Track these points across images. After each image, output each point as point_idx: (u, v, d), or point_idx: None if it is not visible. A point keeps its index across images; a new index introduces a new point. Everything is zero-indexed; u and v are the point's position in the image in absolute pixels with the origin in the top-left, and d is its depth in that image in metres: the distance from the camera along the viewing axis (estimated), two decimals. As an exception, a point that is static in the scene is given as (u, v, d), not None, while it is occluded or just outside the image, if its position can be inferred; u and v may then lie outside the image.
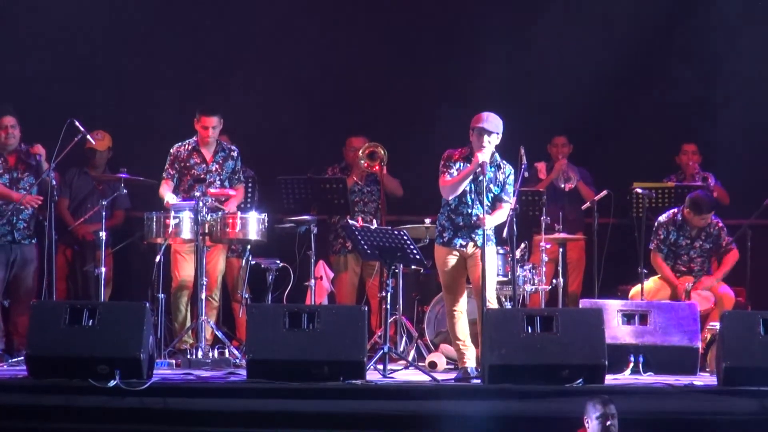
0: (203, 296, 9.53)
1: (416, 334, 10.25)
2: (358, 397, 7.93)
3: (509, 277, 9.65)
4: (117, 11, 11.84)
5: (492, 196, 8.75)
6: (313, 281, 10.09)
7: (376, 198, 11.03)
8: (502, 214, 8.72)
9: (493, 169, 8.73)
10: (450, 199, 8.74)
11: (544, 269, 10.41)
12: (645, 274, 10.20)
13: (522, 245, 10.25)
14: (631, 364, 9.02)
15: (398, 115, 11.90)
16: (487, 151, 8.65)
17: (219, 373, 8.83)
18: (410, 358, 9.55)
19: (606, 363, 8.09)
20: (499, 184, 8.78)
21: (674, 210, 10.59)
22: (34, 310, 8.18)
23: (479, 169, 8.59)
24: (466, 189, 8.70)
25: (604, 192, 10.70)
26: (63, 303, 8.59)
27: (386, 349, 8.74)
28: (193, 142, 10.06)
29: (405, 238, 8.98)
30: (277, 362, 8.05)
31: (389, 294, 9.03)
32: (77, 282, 10.81)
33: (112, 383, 7.79)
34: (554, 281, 10.68)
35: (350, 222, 9.51)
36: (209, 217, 9.55)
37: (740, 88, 11.93)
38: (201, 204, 9.51)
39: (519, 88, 11.98)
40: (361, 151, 10.94)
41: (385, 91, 12.04)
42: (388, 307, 9.09)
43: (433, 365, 9.51)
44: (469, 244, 8.73)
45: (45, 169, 9.63)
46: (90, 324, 8.02)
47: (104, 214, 9.60)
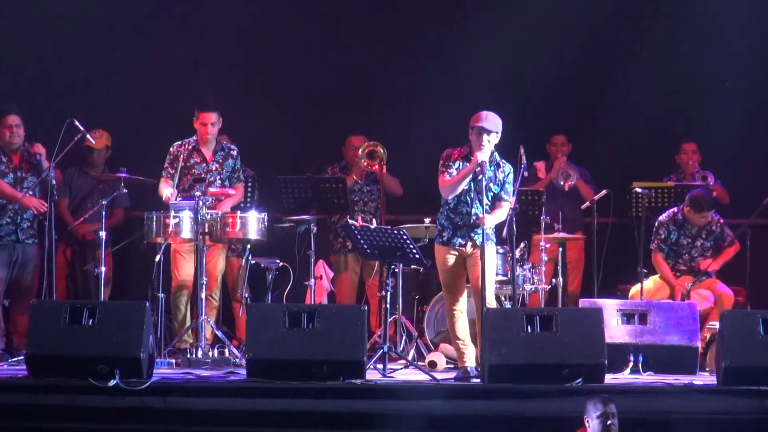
0: (203, 296, 9.53)
1: (416, 334, 10.25)
2: (358, 396, 7.93)
3: (509, 276, 9.65)
4: (117, 11, 11.82)
5: (492, 195, 8.74)
6: (312, 281, 10.09)
7: (376, 197, 11.02)
8: (502, 214, 8.72)
9: (493, 168, 8.72)
10: (449, 198, 8.73)
11: (543, 269, 10.41)
12: (644, 273, 10.20)
13: (521, 245, 10.25)
14: (631, 364, 9.02)
15: (398, 114, 11.89)
16: (486, 150, 8.64)
17: (219, 372, 8.84)
18: (410, 358, 9.54)
19: (605, 362, 8.09)
20: (499, 183, 8.77)
21: (674, 209, 10.59)
22: (33, 310, 8.18)
23: (479, 169, 8.58)
24: (466, 188, 8.69)
25: (604, 191, 10.69)
26: (63, 302, 8.58)
27: (386, 349, 8.74)
28: (193, 141, 10.06)
29: (405, 237, 8.97)
30: (276, 362, 8.05)
31: (389, 293, 9.02)
32: (77, 281, 10.81)
33: (112, 383, 7.79)
34: (554, 281, 10.67)
35: (350, 221, 9.50)
36: (209, 217, 9.55)
37: (740, 88, 11.92)
38: (201, 203, 9.51)
39: (519, 87, 11.98)
40: (360, 150, 10.93)
41: (385, 90, 12.03)
42: (388, 306, 9.09)
43: (432, 365, 9.51)
44: (468, 244, 8.72)
45: (45, 168, 9.64)
46: (90, 323, 8.02)
47: (104, 213, 9.61)
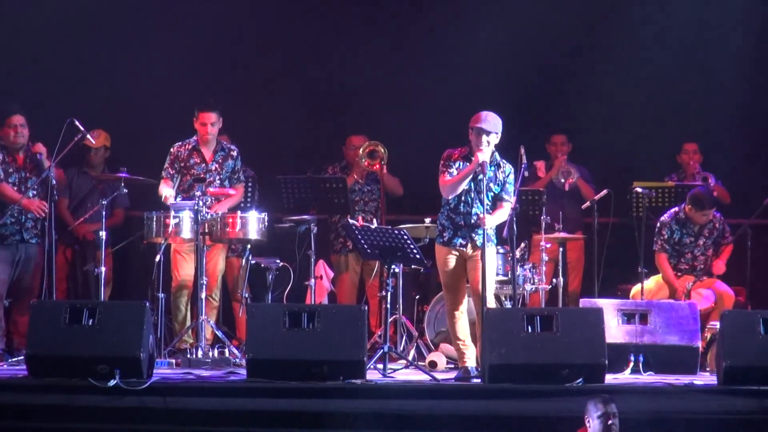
0: (203, 296, 9.52)
1: (416, 334, 10.24)
2: (358, 396, 7.92)
3: (509, 276, 9.64)
4: (117, 11, 11.82)
5: (492, 195, 8.73)
6: (313, 281, 10.08)
7: (377, 197, 11.01)
8: (503, 214, 8.71)
9: (493, 169, 8.71)
10: (450, 198, 8.73)
11: (544, 269, 10.40)
12: (645, 273, 10.19)
13: (522, 244, 10.24)
14: (631, 364, 9.01)
15: (398, 114, 11.89)
16: (486, 151, 8.63)
17: (219, 372, 8.83)
18: (410, 358, 9.54)
19: (606, 362, 8.09)
20: (499, 183, 8.76)
21: (675, 209, 10.57)
22: (34, 310, 8.17)
23: (479, 169, 8.58)
24: (466, 188, 8.68)
25: (605, 191, 10.68)
26: (63, 302, 8.57)
27: (386, 349, 8.73)
28: (193, 141, 10.06)
29: (405, 237, 8.96)
30: (277, 362, 8.04)
31: (389, 293, 9.02)
32: (77, 281, 10.80)
33: (112, 383, 7.78)
34: (554, 281, 10.66)
35: (350, 221, 9.49)
36: (209, 217, 9.55)
37: (741, 87, 11.92)
38: (201, 203, 9.51)
39: (518, 86, 11.98)
40: (361, 150, 10.93)
41: (385, 89, 12.02)
42: (388, 306, 9.08)
43: (433, 365, 9.51)
44: (469, 244, 8.72)
45: (46, 167, 9.64)
46: (90, 323, 8.01)
47: (104, 213, 9.60)
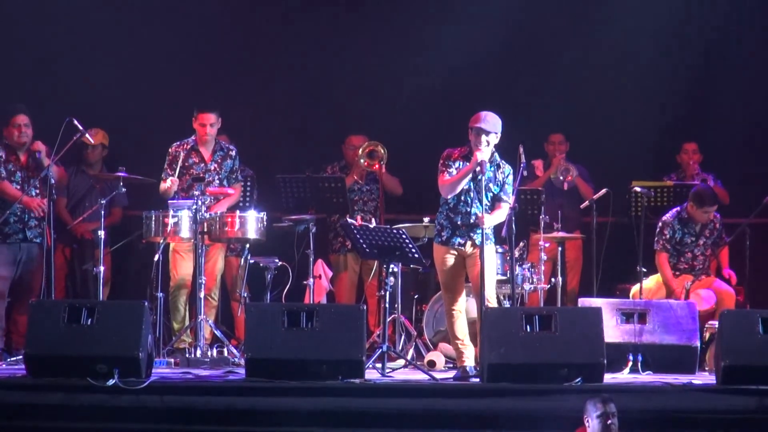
0: (202, 295, 9.52)
1: (415, 333, 10.23)
2: (357, 395, 7.92)
3: (508, 275, 9.64)
4: (116, 11, 11.82)
5: (491, 195, 8.73)
6: (311, 280, 10.08)
7: (376, 197, 11.01)
8: (501, 214, 8.71)
9: (493, 169, 8.71)
10: (449, 197, 8.73)
11: (542, 268, 10.40)
12: (644, 273, 10.17)
13: (520, 244, 10.24)
14: (630, 363, 9.02)
15: (397, 113, 11.89)
16: (486, 150, 8.64)
17: (218, 372, 8.83)
18: (409, 357, 9.54)
19: (605, 362, 8.09)
20: (499, 183, 8.76)
21: (677, 208, 10.53)
22: (32, 309, 8.17)
23: (478, 168, 8.58)
24: (465, 188, 8.68)
25: (603, 190, 10.67)
26: (62, 302, 8.55)
27: (385, 348, 8.73)
28: (192, 141, 10.06)
29: (404, 236, 8.96)
30: (275, 361, 8.04)
31: (388, 293, 9.02)
32: (76, 281, 10.80)
33: (111, 382, 7.78)
34: (553, 280, 10.66)
35: (349, 221, 9.50)
36: (208, 216, 9.55)
37: (740, 87, 11.92)
38: (200, 203, 9.50)
39: (518, 85, 11.97)
40: (360, 150, 10.92)
41: (385, 89, 12.02)
42: (387, 306, 9.08)
43: (431, 364, 9.50)
44: (468, 243, 8.72)
45: (45, 166, 9.64)
46: (89, 323, 8.01)
47: (102, 212, 9.59)
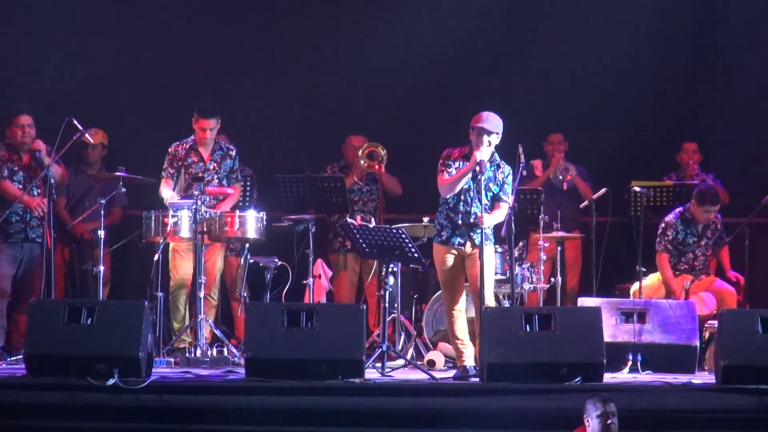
0: (201, 295, 9.52)
1: (414, 333, 10.24)
2: (357, 395, 7.92)
3: (507, 275, 9.64)
4: (116, 11, 11.82)
5: (491, 195, 8.74)
6: (311, 280, 10.08)
7: (376, 197, 11.01)
8: (501, 214, 8.71)
9: (493, 169, 8.72)
10: (448, 197, 8.73)
11: (542, 267, 10.40)
12: (643, 272, 10.17)
13: (520, 243, 10.24)
14: (630, 363, 9.03)
15: (397, 113, 11.89)
16: (486, 150, 8.64)
17: (217, 371, 8.83)
18: (408, 357, 9.54)
19: (604, 361, 8.09)
20: (498, 183, 8.77)
21: (680, 209, 10.51)
22: (32, 309, 8.17)
23: (478, 168, 8.59)
24: (465, 187, 8.69)
25: (603, 190, 10.67)
26: (61, 301, 8.57)
27: (385, 348, 8.73)
28: (191, 141, 10.05)
29: (403, 236, 8.96)
30: (275, 361, 8.04)
31: (387, 292, 9.02)
32: (75, 281, 10.80)
33: (111, 382, 7.78)
34: (552, 280, 10.65)
35: (348, 220, 9.50)
36: (207, 216, 9.55)
37: (741, 87, 11.92)
38: (199, 202, 9.51)
39: (517, 85, 11.98)
40: (360, 151, 10.92)
41: (384, 88, 12.02)
42: (387, 305, 9.09)
43: (431, 363, 9.51)
44: (467, 243, 8.72)
45: (46, 165, 9.64)
46: (88, 322, 8.01)
47: (102, 212, 9.59)
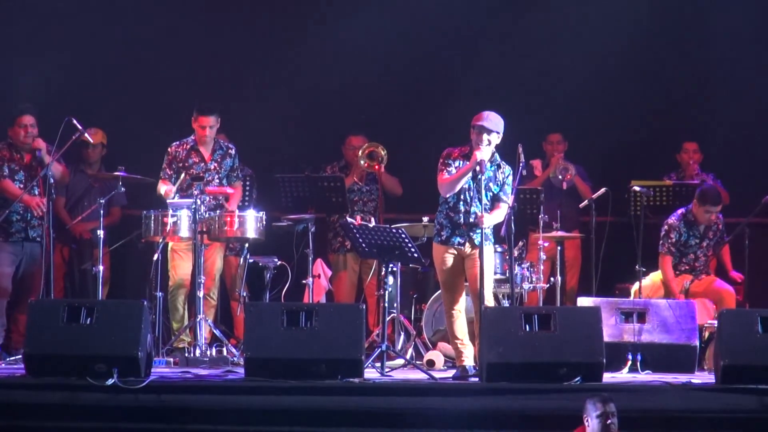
0: (201, 294, 9.53)
1: (414, 333, 10.23)
2: (356, 395, 7.92)
3: (507, 275, 9.64)
4: (116, 11, 11.82)
5: (491, 195, 8.74)
6: (310, 279, 10.07)
7: (375, 197, 11.01)
8: (501, 214, 8.70)
9: (493, 169, 8.71)
10: (448, 197, 8.73)
11: (541, 267, 10.40)
12: (643, 272, 10.16)
13: (519, 243, 10.24)
14: (629, 363, 9.03)
15: (397, 112, 11.89)
16: (486, 150, 8.64)
17: (217, 371, 8.83)
18: (408, 357, 9.54)
19: (604, 361, 8.08)
20: (499, 183, 8.77)
21: (682, 210, 10.48)
22: (31, 309, 8.17)
23: (478, 167, 8.58)
24: (465, 187, 8.68)
25: (602, 190, 10.66)
26: (61, 301, 8.58)
27: (384, 348, 8.73)
28: (191, 141, 10.06)
29: (403, 236, 8.96)
30: (274, 360, 8.04)
31: (387, 292, 9.02)
32: (75, 280, 10.80)
33: (110, 381, 7.78)
34: (552, 279, 10.65)
35: (348, 220, 9.50)
36: (207, 215, 9.55)
37: (741, 86, 11.92)
38: (199, 202, 9.51)
39: (517, 85, 11.98)
40: (360, 151, 10.91)
41: (384, 88, 12.02)
42: (386, 305, 9.09)
43: (431, 363, 9.50)
44: (467, 243, 8.72)
45: (46, 164, 9.64)
46: (88, 322, 8.01)
47: (101, 212, 9.59)
